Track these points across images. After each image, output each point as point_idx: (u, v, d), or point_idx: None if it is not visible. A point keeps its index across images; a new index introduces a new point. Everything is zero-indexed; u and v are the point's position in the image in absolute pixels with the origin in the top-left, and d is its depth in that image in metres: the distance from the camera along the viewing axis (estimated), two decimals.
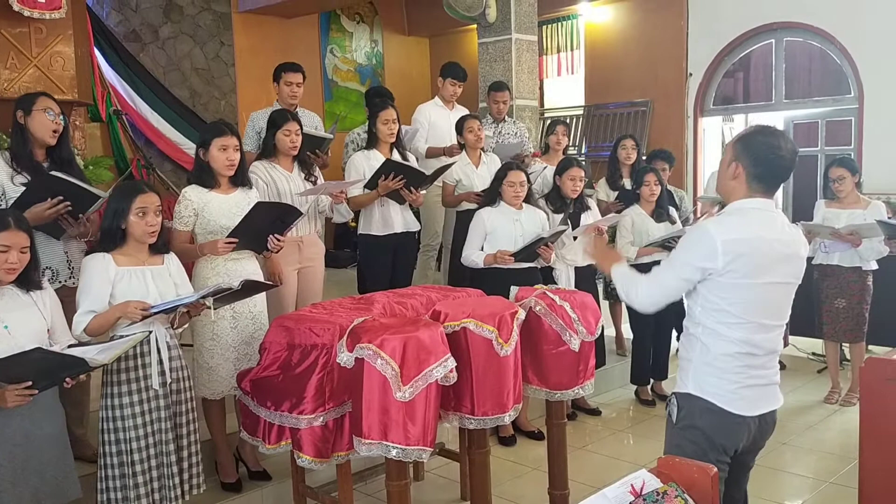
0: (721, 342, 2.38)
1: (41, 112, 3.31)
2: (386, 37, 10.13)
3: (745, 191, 2.40)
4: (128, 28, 7.64)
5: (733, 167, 2.41)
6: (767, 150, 2.35)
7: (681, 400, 2.47)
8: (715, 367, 2.39)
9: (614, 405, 5.45)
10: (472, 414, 3.16)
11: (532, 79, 6.57)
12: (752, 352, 2.39)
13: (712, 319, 2.38)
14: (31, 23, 5.40)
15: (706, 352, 2.40)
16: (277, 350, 3.21)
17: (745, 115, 8.51)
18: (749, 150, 2.38)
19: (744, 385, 2.39)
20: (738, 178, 2.40)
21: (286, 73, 4.85)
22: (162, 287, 3.06)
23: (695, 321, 2.44)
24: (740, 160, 2.39)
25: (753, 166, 2.37)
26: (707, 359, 2.40)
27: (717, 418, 2.39)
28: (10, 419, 2.64)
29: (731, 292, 2.34)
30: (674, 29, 8.24)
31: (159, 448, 3.04)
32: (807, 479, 4.16)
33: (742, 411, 2.39)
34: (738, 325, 2.36)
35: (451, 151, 5.33)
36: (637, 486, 1.74)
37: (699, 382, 2.42)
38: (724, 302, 2.35)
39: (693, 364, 2.44)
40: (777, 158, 2.36)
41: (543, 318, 3.50)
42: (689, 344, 2.47)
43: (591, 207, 5.10)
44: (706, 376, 2.41)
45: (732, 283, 2.33)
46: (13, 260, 2.65)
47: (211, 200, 3.57)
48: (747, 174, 2.38)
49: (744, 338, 2.37)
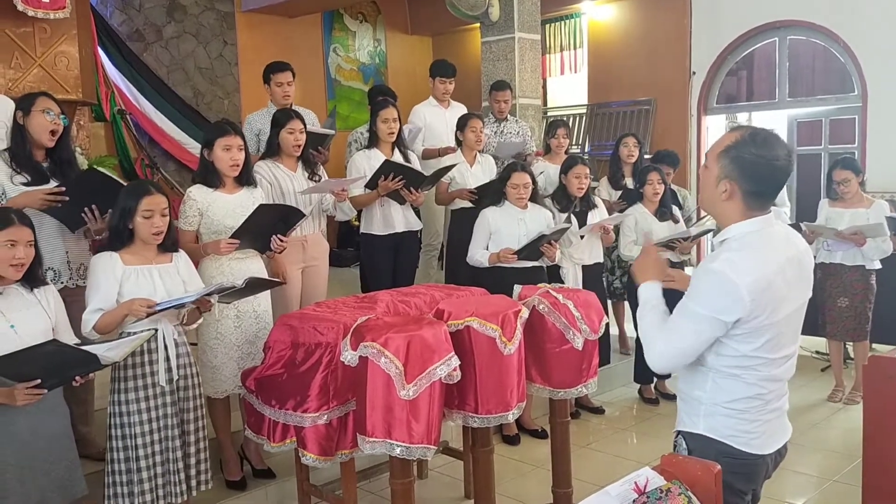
0: (739, 385, 2.10)
1: (40, 113, 3.32)
2: (389, 36, 10.14)
3: (741, 211, 2.08)
4: (131, 27, 7.65)
5: (724, 186, 2.07)
6: (763, 163, 2.02)
7: (690, 441, 2.18)
8: (732, 409, 2.11)
9: (617, 403, 5.45)
10: (476, 412, 3.16)
11: (535, 77, 6.57)
12: (772, 388, 2.14)
13: (729, 363, 2.09)
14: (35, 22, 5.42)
15: (720, 393, 2.12)
16: (282, 349, 3.22)
17: (749, 113, 8.50)
18: (741, 166, 2.03)
19: (762, 423, 2.13)
20: (732, 199, 2.07)
21: (275, 74, 4.85)
22: (170, 285, 3.07)
23: (705, 364, 2.13)
24: (732, 178, 2.05)
25: (749, 184, 2.05)
26: (720, 400, 2.12)
27: (736, 462, 2.11)
28: (17, 417, 2.65)
29: (754, 336, 2.05)
30: (677, 27, 8.24)
31: (166, 445, 3.05)
32: (811, 478, 4.16)
33: (760, 450, 2.14)
34: (759, 366, 2.09)
35: (447, 152, 5.33)
36: (641, 484, 1.75)
37: (712, 423, 2.14)
38: (747, 347, 2.06)
39: (704, 405, 2.15)
40: (775, 170, 2.04)
41: (547, 317, 3.50)
42: (697, 382, 2.17)
43: (597, 205, 5.10)
44: (721, 417, 2.13)
45: (755, 328, 2.03)
46: (21, 255, 2.67)
47: (216, 200, 3.58)
48: (743, 193, 2.06)
49: (765, 376, 2.10)
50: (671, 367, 2.17)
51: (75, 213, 3.31)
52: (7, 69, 5.38)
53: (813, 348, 6.26)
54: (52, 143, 3.37)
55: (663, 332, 2.12)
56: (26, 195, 3.22)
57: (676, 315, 2.11)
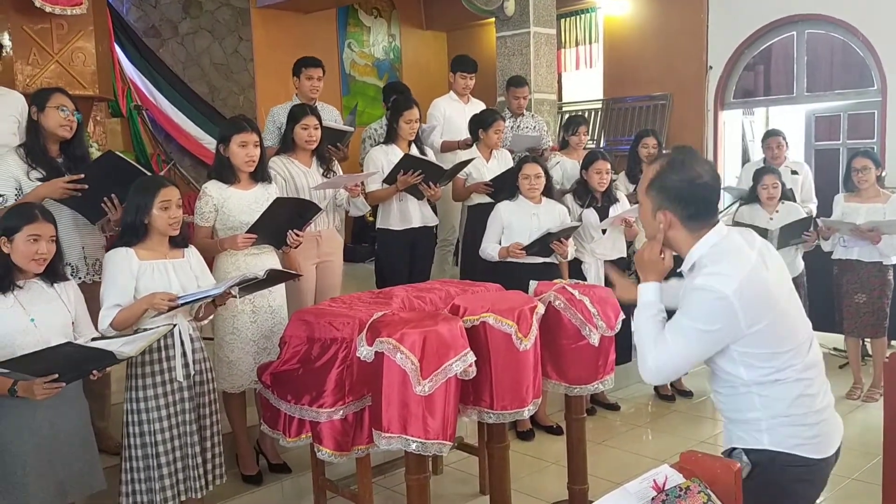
0: (784, 388, 2.10)
1: (54, 109, 3.32)
2: (403, 31, 10.12)
3: (688, 236, 2.12)
4: (147, 24, 7.68)
5: (661, 217, 2.11)
6: (688, 185, 2.07)
7: (754, 456, 2.14)
8: (790, 416, 2.10)
9: (633, 400, 5.43)
10: (491, 408, 3.16)
11: (550, 72, 6.55)
12: (813, 377, 2.13)
13: (764, 371, 2.09)
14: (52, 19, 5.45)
15: (773, 404, 2.11)
16: (297, 344, 3.22)
17: (766, 108, 8.43)
18: (669, 193, 2.09)
19: (822, 423, 2.15)
20: (674, 227, 2.12)
21: (307, 69, 4.87)
22: (184, 280, 3.08)
23: (745, 383, 2.12)
24: (665, 208, 2.10)
25: (682, 208, 2.09)
26: (778, 410, 2.11)
27: (804, 469, 2.12)
28: (36, 412, 2.68)
29: (768, 335, 2.06)
30: (693, 21, 8.17)
31: (183, 440, 3.07)
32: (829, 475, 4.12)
33: (826, 453, 2.16)
34: (790, 359, 2.09)
35: (467, 144, 5.31)
36: (659, 482, 1.73)
37: (776, 437, 2.12)
38: (766, 348, 2.07)
39: (764, 421, 2.12)
40: (702, 189, 2.09)
41: (563, 313, 3.49)
42: (746, 404, 2.14)
43: (619, 200, 5.04)
44: (784, 427, 2.11)
45: (762, 328, 2.04)
46: (43, 250, 2.70)
47: (231, 196, 3.58)
48: (680, 218, 2.10)
49: (800, 367, 2.11)
50: (664, 381, 2.24)
51: (94, 204, 3.32)
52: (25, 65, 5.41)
53: (830, 345, 6.21)
54: (69, 135, 3.37)
55: (657, 346, 2.12)
56: (47, 185, 3.24)
57: (670, 331, 2.11)
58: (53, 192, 3.22)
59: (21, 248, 2.67)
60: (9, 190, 3.25)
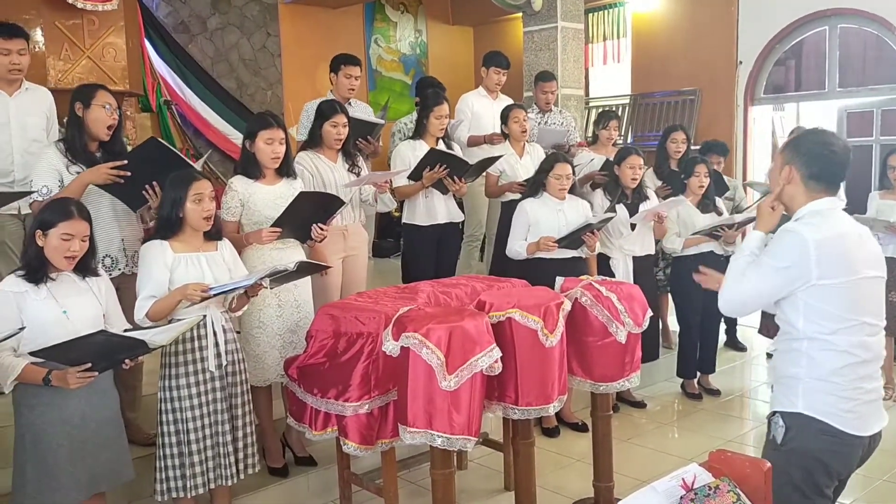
0: (832, 354, 2.23)
1: (100, 107, 3.36)
2: (430, 26, 10.12)
3: (804, 193, 2.33)
4: (177, 19, 7.75)
5: (787, 171, 2.34)
6: (819, 147, 2.31)
7: (788, 420, 2.28)
8: (829, 382, 2.23)
9: (659, 398, 5.38)
10: (517, 404, 3.15)
11: (578, 68, 6.51)
12: (863, 357, 2.25)
13: (818, 329, 2.24)
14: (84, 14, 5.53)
15: (816, 367, 2.25)
16: (324, 338, 3.24)
17: (797, 103, 8.31)
18: (799, 150, 2.33)
19: (860, 401, 2.25)
20: (793, 182, 2.34)
21: (346, 66, 4.87)
22: (217, 272, 3.12)
23: (798, 336, 2.28)
24: (792, 163, 2.33)
25: (807, 166, 2.31)
26: (819, 374, 2.24)
27: (834, 440, 2.23)
28: (69, 401, 2.72)
29: (835, 293, 2.21)
30: (724, 16, 8.08)
31: (215, 429, 3.11)
32: (858, 476, 4.01)
33: (858, 431, 2.24)
34: (847, 330, 2.23)
35: (492, 139, 5.30)
36: (688, 480, 1.72)
37: (811, 401, 2.25)
38: (829, 305, 2.22)
39: (802, 381, 2.27)
40: (830, 154, 2.30)
41: (589, 309, 3.47)
42: (793, 359, 2.30)
43: (649, 197, 4.99)
44: (820, 394, 2.24)
45: (833, 285, 2.21)
46: (75, 248, 2.74)
47: (256, 191, 3.61)
48: (802, 176, 2.32)
49: (855, 342, 2.23)
50: (736, 310, 2.46)
51: (136, 191, 3.35)
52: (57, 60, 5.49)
53: None
54: (109, 135, 3.42)
55: (737, 280, 2.36)
56: (91, 171, 3.27)
57: (750, 268, 2.33)
58: (97, 178, 3.26)
59: (53, 244, 2.72)
60: (52, 181, 3.30)
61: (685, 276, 5.19)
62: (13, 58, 3.71)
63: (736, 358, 6.08)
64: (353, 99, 4.96)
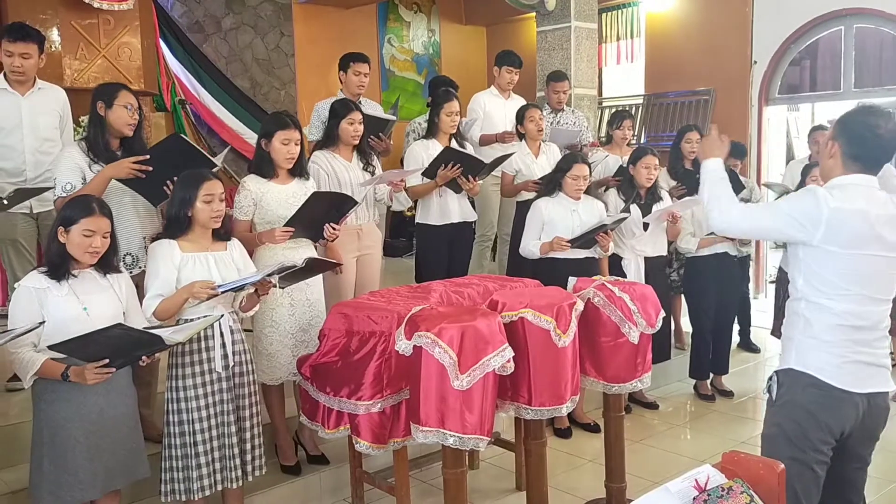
0: (824, 315, 2.35)
1: (122, 107, 3.38)
2: (443, 26, 10.12)
3: (841, 169, 2.39)
4: (191, 19, 7.78)
5: (830, 145, 2.41)
6: (864, 128, 2.34)
7: (781, 376, 2.44)
8: (818, 339, 2.36)
9: (672, 399, 5.37)
10: (529, 404, 3.15)
11: (591, 67, 6.49)
12: (857, 324, 2.34)
13: (815, 291, 2.36)
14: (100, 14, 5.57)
15: (809, 326, 2.38)
16: (336, 337, 3.25)
17: (812, 104, 8.26)
18: (846, 128, 2.38)
19: (849, 360, 2.34)
20: (834, 157, 2.40)
21: (355, 63, 4.89)
22: (225, 272, 3.12)
23: (797, 295, 2.42)
24: (837, 139, 2.39)
25: (848, 145, 2.36)
26: (810, 332, 2.37)
27: (821, 393, 2.34)
28: (87, 397, 2.75)
29: (834, 261, 2.32)
30: (738, 15, 8.03)
31: (222, 430, 3.11)
32: (872, 479, 3.99)
33: (847, 386, 2.33)
34: (841, 297, 2.33)
35: (504, 138, 5.29)
36: (701, 481, 1.71)
37: (801, 357, 2.39)
38: (826, 271, 2.33)
39: (795, 340, 2.42)
40: (874, 137, 2.34)
41: (602, 310, 3.47)
42: (792, 322, 2.45)
43: (663, 198, 4.96)
44: (809, 350, 2.37)
45: (834, 252, 2.31)
46: (97, 244, 2.76)
47: (269, 190, 3.62)
48: (842, 153, 2.38)
49: (848, 309, 2.33)
50: (735, 230, 2.60)
51: (157, 186, 3.37)
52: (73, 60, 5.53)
53: None
54: (130, 133, 3.44)
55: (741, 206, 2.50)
56: (113, 165, 3.29)
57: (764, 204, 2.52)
58: (119, 172, 3.28)
59: (76, 241, 2.74)
60: (76, 178, 3.33)
61: (699, 276, 5.19)
62: (15, 60, 3.74)
63: (749, 359, 6.06)
64: (362, 97, 4.96)
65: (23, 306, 2.71)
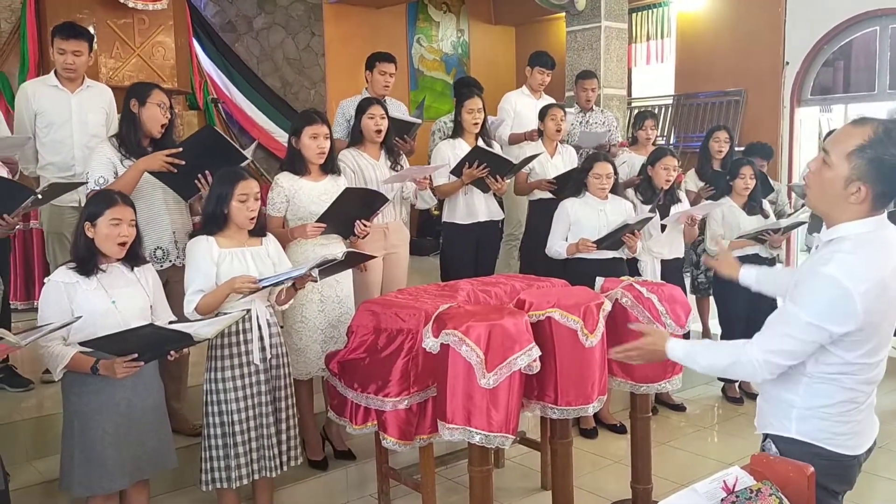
0: (835, 389, 2.00)
1: (155, 105, 3.45)
2: (472, 26, 10.13)
3: (864, 212, 1.93)
4: (224, 19, 7.87)
5: (856, 188, 1.89)
6: None
7: (781, 444, 2.09)
8: (827, 412, 2.02)
9: (699, 401, 5.33)
10: (556, 404, 3.15)
11: (621, 67, 6.47)
12: (867, 391, 2.05)
13: (830, 371, 1.99)
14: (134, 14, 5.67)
15: (816, 398, 2.02)
16: (364, 333, 3.27)
17: (845, 105, 8.15)
18: (879, 168, 1.86)
19: (857, 422, 2.05)
20: (863, 203, 1.90)
21: (381, 63, 4.91)
22: (261, 267, 3.17)
23: (800, 370, 2.02)
24: (867, 181, 1.87)
25: (882, 184, 1.88)
26: (815, 404, 2.02)
27: (831, 464, 2.03)
28: (116, 390, 2.80)
29: (861, 343, 1.94)
30: (770, 15, 7.95)
31: (260, 421, 3.16)
32: (883, 480, 3.98)
33: (856, 451, 2.07)
34: (859, 371, 1.98)
35: (533, 136, 5.29)
36: (729, 483, 1.71)
37: (805, 428, 2.04)
38: (851, 355, 1.95)
39: (797, 409, 2.05)
40: None
41: (630, 310, 3.45)
42: (789, 384, 2.05)
43: (681, 200, 4.96)
44: (815, 420, 2.03)
45: (866, 335, 1.92)
46: (125, 232, 2.82)
47: (302, 187, 3.66)
48: (873, 196, 1.89)
49: (862, 380, 2.01)
50: (772, 374, 2.02)
51: (189, 180, 3.42)
52: (108, 59, 5.63)
53: None
54: (160, 133, 3.50)
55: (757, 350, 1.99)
56: (147, 158, 3.36)
57: (777, 321, 1.98)
58: (152, 165, 3.34)
59: (104, 232, 2.79)
60: (108, 172, 3.40)
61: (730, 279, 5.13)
62: (68, 58, 3.84)
63: None
64: (388, 97, 4.99)
65: (53, 300, 2.77)
